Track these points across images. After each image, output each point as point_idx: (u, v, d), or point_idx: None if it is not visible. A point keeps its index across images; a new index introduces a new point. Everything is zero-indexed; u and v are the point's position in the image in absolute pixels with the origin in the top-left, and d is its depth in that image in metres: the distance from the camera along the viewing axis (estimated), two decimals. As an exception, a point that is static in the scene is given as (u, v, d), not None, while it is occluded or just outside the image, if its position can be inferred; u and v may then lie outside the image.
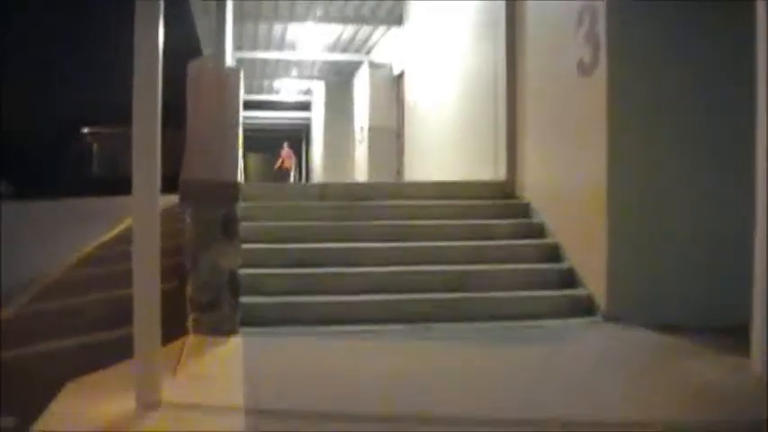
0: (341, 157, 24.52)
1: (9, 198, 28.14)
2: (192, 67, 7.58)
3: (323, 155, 27.21)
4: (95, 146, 36.58)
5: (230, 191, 6.25)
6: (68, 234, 14.97)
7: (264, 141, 38.10)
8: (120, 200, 13.28)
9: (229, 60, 10.21)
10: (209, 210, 6.14)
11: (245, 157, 6.98)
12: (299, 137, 37.88)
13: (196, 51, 16.75)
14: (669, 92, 7.05)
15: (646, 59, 7.07)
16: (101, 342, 6.09)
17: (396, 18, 17.52)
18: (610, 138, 7.08)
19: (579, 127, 7.67)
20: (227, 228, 6.18)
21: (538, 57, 8.87)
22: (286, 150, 30.73)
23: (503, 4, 9.60)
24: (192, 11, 16.07)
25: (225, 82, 7.21)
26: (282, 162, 30.12)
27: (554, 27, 8.30)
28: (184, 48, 7.56)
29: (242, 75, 7.80)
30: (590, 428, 4.31)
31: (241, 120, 7.51)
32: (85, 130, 36.46)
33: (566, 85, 7.93)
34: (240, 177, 6.49)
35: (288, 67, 25.61)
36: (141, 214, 4.49)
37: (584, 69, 7.47)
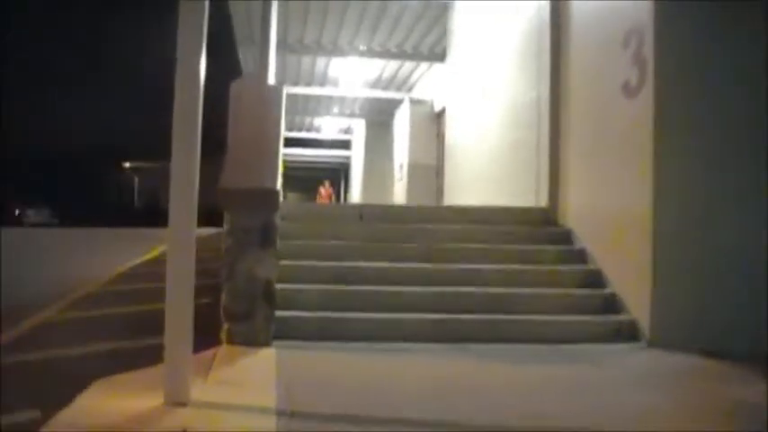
0: (380, 196, 24.49)
1: (51, 226, 28.52)
2: (235, 85, 7.59)
3: (362, 193, 27.21)
4: (137, 179, 37.04)
5: (269, 198, 6.17)
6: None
7: (303, 180, 38.28)
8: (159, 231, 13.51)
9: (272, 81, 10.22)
10: (247, 217, 6.06)
11: (284, 195, 6.97)
12: (338, 176, 38.05)
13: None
14: (717, 114, 6.89)
15: (693, 80, 6.93)
16: (132, 348, 6.04)
17: (437, 54, 17.61)
18: (655, 161, 6.93)
19: (623, 151, 7.52)
20: (266, 236, 6.09)
21: (581, 82, 8.77)
22: (326, 189, 30.56)
23: (547, 32, 9.54)
24: (236, 41, 16.26)
25: (266, 95, 7.18)
26: (321, 200, 29.83)
27: (598, 51, 8.20)
28: (227, 77, 7.65)
29: (284, 91, 7.74)
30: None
31: (282, 136, 7.47)
32: (127, 164, 36.99)
33: (610, 109, 7.81)
34: (279, 186, 6.39)
35: (329, 105, 25.81)
36: (177, 226, 4.45)
37: (630, 91, 7.35)
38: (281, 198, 6.69)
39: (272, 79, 9.56)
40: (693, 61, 6.96)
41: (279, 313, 6.34)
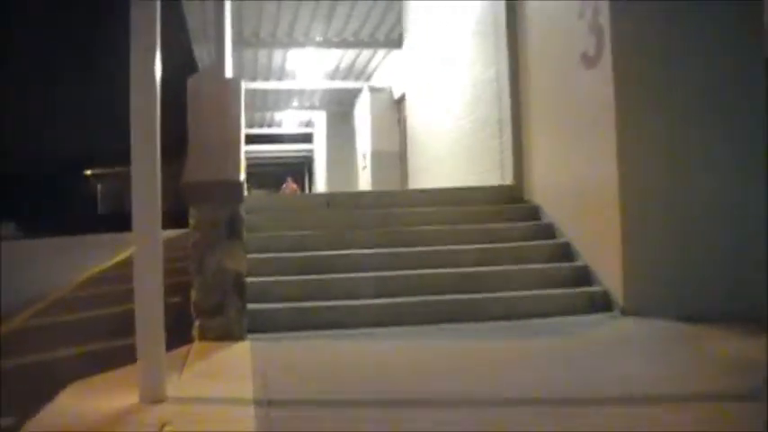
0: (345, 187, 24.41)
1: (15, 239, 28.16)
2: (193, 80, 7.49)
3: (326, 185, 27.11)
4: (99, 186, 36.76)
5: (234, 190, 6.10)
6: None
7: (266, 177, 37.97)
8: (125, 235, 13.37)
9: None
10: (213, 210, 5.98)
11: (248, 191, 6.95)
12: (301, 170, 37.87)
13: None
14: (680, 81, 6.91)
15: (653, 48, 6.94)
16: (105, 349, 5.95)
17: (394, 41, 17.53)
18: (619, 131, 6.93)
19: (586, 122, 7.51)
20: (232, 228, 6.02)
21: (540, 56, 8.77)
22: (290, 185, 30.16)
23: (503, 7, 9.52)
24: (191, 38, 16.09)
25: (225, 89, 7.09)
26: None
27: (555, 23, 8.21)
28: (184, 74, 7.53)
29: (242, 84, 7.66)
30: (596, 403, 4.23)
31: (243, 129, 7.38)
32: (88, 172, 36.73)
33: (570, 81, 7.80)
34: (243, 177, 6.31)
35: (289, 98, 25.65)
36: (141, 227, 4.38)
37: (589, 61, 7.35)
38: (245, 191, 6.61)
39: (229, 74, 9.45)
40: (650, 28, 6.96)
41: (251, 306, 6.27)
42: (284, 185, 29.86)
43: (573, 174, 7.87)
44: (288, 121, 30.46)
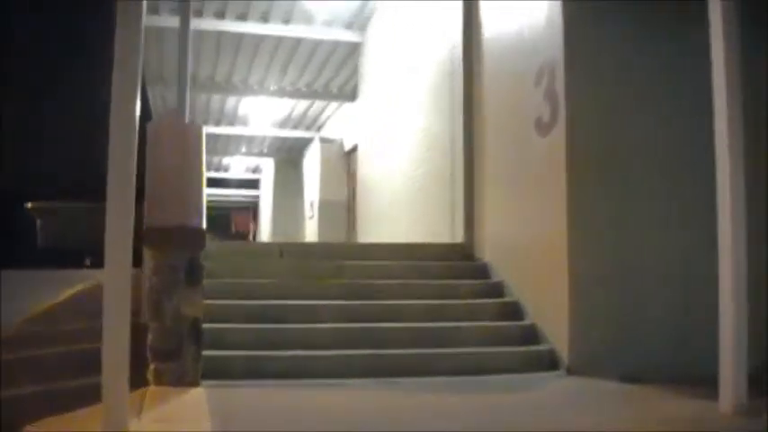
0: (290, 234, 24.47)
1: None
2: (152, 125, 7.55)
3: (271, 232, 27.14)
4: (39, 221, 36.13)
5: (195, 237, 6.17)
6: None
7: (211, 219, 37.80)
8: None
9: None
10: (173, 255, 6.04)
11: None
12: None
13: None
14: (632, 144, 7.24)
15: (606, 114, 7.25)
16: (58, 390, 5.90)
17: (348, 94, 17.85)
18: (569, 195, 7.17)
19: (538, 185, 7.77)
20: (192, 274, 6.07)
21: (495, 117, 9.04)
22: (243, 218, 29.64)
23: (460, 70, 9.81)
24: (146, 81, 16.15)
25: (186, 133, 7.16)
26: (236, 225, 28.69)
27: (512, 87, 8.49)
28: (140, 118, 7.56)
29: (203, 129, 7.75)
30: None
31: (204, 175, 7.45)
32: (29, 205, 36.10)
33: (524, 144, 8.06)
34: (204, 225, 6.39)
35: (238, 143, 25.77)
36: (113, 267, 4.45)
37: (543, 127, 7.62)
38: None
39: (187, 109, 9.55)
40: (604, 96, 7.28)
41: (205, 353, 6.30)
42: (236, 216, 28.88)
43: (523, 234, 8.10)
44: (235, 166, 30.51)
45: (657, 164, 7.24)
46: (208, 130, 21.09)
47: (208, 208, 6.84)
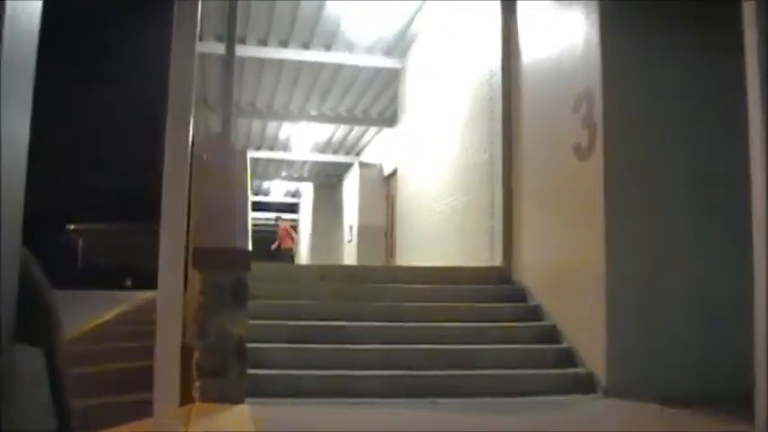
0: (328, 257, 24.66)
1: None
2: (197, 147, 7.80)
3: (310, 255, 27.35)
4: (80, 242, 36.83)
5: (242, 258, 6.36)
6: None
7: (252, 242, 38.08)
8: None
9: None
10: (220, 275, 6.23)
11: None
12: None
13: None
14: (669, 172, 7.35)
15: (643, 144, 7.36)
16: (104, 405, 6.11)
17: (387, 119, 18.05)
18: (607, 220, 7.28)
19: (576, 211, 7.89)
20: (238, 294, 6.25)
21: (534, 144, 9.18)
22: (283, 227, 25.06)
23: (499, 96, 9.97)
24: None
25: (234, 157, 7.40)
26: (280, 243, 24.34)
27: (550, 114, 8.63)
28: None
29: (248, 155, 8.00)
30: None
31: (249, 199, 7.67)
32: (71, 227, 36.84)
33: (562, 170, 8.19)
34: (250, 247, 6.59)
35: (279, 168, 26.06)
36: (166, 289, 4.67)
37: (581, 153, 7.74)
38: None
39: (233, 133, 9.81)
40: (641, 123, 7.40)
41: (249, 371, 6.48)
42: (279, 228, 24.87)
43: (561, 258, 8.21)
44: (275, 189, 30.84)
45: (693, 191, 7.33)
46: (249, 154, 21.55)
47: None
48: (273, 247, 24.21)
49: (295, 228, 29.63)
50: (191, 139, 4.83)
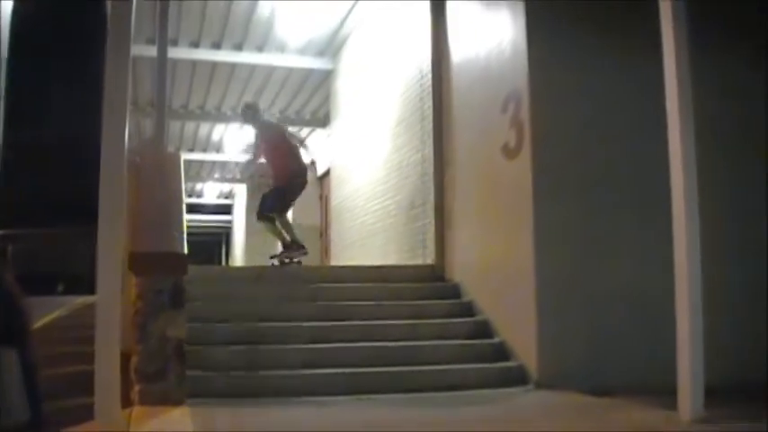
0: (263, 258, 24.57)
1: None
2: (132, 152, 7.81)
3: (244, 256, 27.26)
4: (10, 247, 36.10)
5: (179, 262, 6.41)
6: None
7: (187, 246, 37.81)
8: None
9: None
10: (157, 279, 6.28)
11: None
12: (219, 240, 37.88)
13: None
14: (596, 171, 7.61)
15: (570, 143, 7.61)
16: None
17: (320, 119, 18.11)
18: (535, 217, 7.51)
19: (505, 209, 8.11)
20: (175, 297, 6.31)
21: (464, 144, 9.38)
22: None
23: (429, 96, 10.15)
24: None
25: (167, 160, 7.44)
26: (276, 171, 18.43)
27: (480, 114, 8.84)
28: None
29: (182, 157, 8.04)
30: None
31: (184, 202, 7.72)
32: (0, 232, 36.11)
33: (492, 170, 8.40)
34: (186, 249, 6.64)
35: (211, 169, 25.92)
36: (105, 293, 4.72)
37: (510, 153, 7.96)
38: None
39: (166, 137, 9.82)
40: (568, 123, 7.65)
41: (188, 373, 6.54)
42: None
43: (492, 255, 8.42)
44: (209, 191, 30.64)
45: (620, 188, 7.60)
46: (182, 156, 21.42)
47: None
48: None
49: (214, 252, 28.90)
50: (126, 139, 4.86)
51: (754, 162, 7.67)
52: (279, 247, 11.29)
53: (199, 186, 29.84)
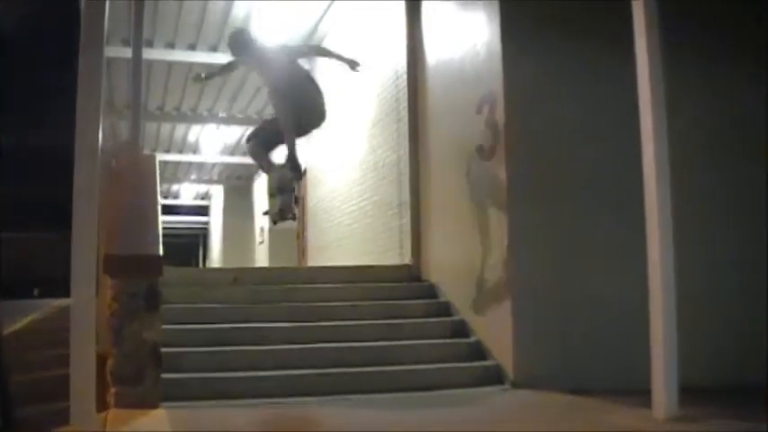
0: (240, 259, 24.59)
1: None
2: (107, 154, 7.79)
3: (221, 258, 27.22)
4: (-7, 251, 35.77)
5: (154, 264, 6.39)
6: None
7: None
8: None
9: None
10: (132, 282, 6.25)
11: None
12: (196, 241, 37.73)
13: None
14: (569, 175, 7.65)
15: (545, 145, 7.65)
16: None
17: (297, 120, 18.00)
18: (510, 219, 7.54)
19: (481, 209, 8.15)
20: (151, 300, 6.28)
21: (440, 144, 9.42)
22: None
23: (405, 98, 10.19)
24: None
25: (143, 163, 7.42)
26: None
27: (455, 114, 8.86)
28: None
29: (157, 159, 8.01)
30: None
31: (159, 204, 7.69)
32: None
33: (468, 170, 8.43)
34: (161, 252, 6.62)
35: (188, 171, 25.85)
36: (79, 297, 4.70)
37: (485, 154, 8.00)
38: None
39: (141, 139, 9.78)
40: (543, 125, 7.68)
41: (164, 376, 6.52)
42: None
43: (468, 255, 8.43)
44: (185, 192, 30.55)
45: (597, 189, 7.61)
46: (158, 157, 21.35)
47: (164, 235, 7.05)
48: None
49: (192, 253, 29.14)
50: (100, 136, 4.84)
51: (753, 162, 7.66)
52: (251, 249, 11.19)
53: (175, 187, 29.74)
